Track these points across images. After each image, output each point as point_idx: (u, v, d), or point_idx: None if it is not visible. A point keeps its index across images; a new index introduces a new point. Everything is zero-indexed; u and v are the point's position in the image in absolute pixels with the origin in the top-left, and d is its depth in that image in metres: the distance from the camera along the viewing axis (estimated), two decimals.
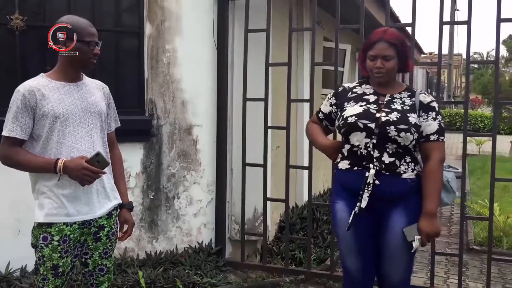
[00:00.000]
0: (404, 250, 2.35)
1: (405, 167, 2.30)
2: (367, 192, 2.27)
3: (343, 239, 2.45)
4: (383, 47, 2.32)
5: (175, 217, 3.92)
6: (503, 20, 3.33)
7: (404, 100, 2.36)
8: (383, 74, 2.35)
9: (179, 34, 3.87)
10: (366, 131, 2.28)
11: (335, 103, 2.51)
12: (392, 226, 2.33)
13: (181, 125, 3.92)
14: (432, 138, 2.31)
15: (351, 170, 2.35)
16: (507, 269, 4.20)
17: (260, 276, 3.87)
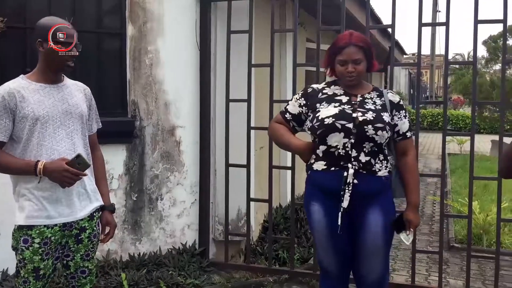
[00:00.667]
0: (381, 248, 2.39)
1: (380, 165, 2.36)
2: (348, 192, 2.30)
3: (321, 239, 2.46)
4: (353, 51, 2.36)
5: (158, 218, 3.92)
6: (480, 21, 3.39)
7: (375, 100, 2.42)
8: (355, 78, 2.40)
9: (162, 36, 3.87)
10: (344, 132, 2.31)
11: (305, 103, 2.48)
12: (368, 226, 2.36)
13: (164, 126, 3.91)
14: (408, 135, 2.46)
15: (328, 171, 2.35)
16: (486, 266, 4.27)
17: (244, 276, 3.88)
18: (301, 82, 6.07)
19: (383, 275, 2.47)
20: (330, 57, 2.44)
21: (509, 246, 4.76)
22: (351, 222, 2.39)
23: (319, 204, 2.41)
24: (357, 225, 2.39)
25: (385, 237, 2.39)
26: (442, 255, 3.58)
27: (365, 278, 2.46)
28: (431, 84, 29.50)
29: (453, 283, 3.99)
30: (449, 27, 3.48)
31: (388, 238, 2.42)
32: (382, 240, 2.37)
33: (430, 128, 21.48)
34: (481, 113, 12.86)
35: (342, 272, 2.53)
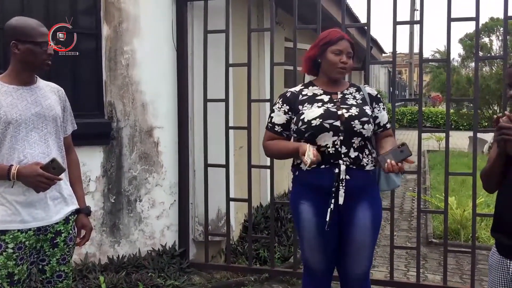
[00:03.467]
0: (368, 243, 2.42)
1: (367, 160, 2.39)
2: (342, 188, 2.31)
3: (310, 237, 2.45)
4: (347, 44, 2.44)
5: (137, 220, 3.89)
6: (453, 19, 3.45)
7: (355, 95, 2.46)
8: (346, 70, 2.45)
9: (138, 36, 3.84)
10: (333, 130, 2.32)
11: (289, 109, 2.47)
12: (357, 222, 2.38)
13: (142, 127, 3.88)
14: (388, 127, 2.53)
15: (318, 168, 2.33)
16: (464, 261, 4.34)
17: (224, 276, 3.88)
18: (280, 82, 6.08)
19: (367, 271, 2.51)
20: (320, 49, 2.44)
21: (485, 240, 4.84)
22: (340, 219, 2.40)
23: (309, 203, 2.41)
24: (345, 221, 2.39)
25: (373, 232, 2.43)
26: (420, 251, 3.63)
27: (350, 273, 2.48)
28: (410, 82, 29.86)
29: (431, 278, 4.04)
30: (423, 25, 3.53)
31: (375, 233, 2.45)
32: (370, 234, 2.41)
33: (410, 126, 21.74)
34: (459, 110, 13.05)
35: (328, 270, 2.54)
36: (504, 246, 2.06)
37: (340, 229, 2.41)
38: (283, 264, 4.10)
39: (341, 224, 2.40)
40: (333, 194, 2.32)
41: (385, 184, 2.50)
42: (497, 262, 2.08)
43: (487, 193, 2.17)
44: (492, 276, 2.11)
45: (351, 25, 4.98)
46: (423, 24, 3.56)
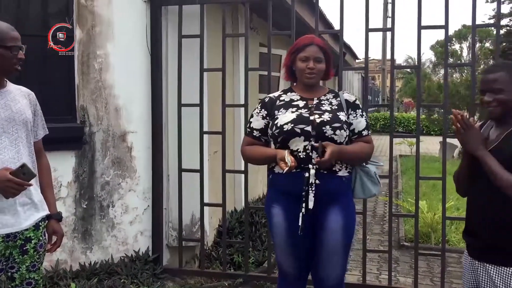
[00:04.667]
0: (340, 249, 2.42)
1: (340, 165, 2.40)
2: (312, 192, 2.32)
3: (281, 241, 2.48)
4: (315, 49, 2.45)
5: (110, 226, 3.84)
6: (423, 27, 3.53)
7: (331, 101, 2.48)
8: (315, 76, 2.45)
9: (111, 40, 3.80)
10: (304, 135, 2.35)
11: (266, 113, 2.51)
12: (329, 226, 2.39)
13: (115, 132, 3.85)
14: (364, 134, 2.50)
15: (290, 173, 2.35)
16: (434, 263, 4.43)
17: (198, 282, 3.86)
18: (254, 87, 6.11)
19: (342, 276, 2.51)
20: (291, 56, 2.49)
21: (455, 243, 4.95)
22: (312, 223, 2.41)
23: (280, 207, 2.44)
24: (317, 226, 2.41)
25: (345, 237, 2.43)
26: (392, 254, 3.69)
27: (324, 278, 2.48)
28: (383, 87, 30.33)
29: (403, 281, 4.11)
30: (394, 32, 3.61)
31: (347, 240, 2.45)
32: (342, 240, 2.41)
33: (383, 131, 22.08)
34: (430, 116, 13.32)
35: (301, 275, 2.56)
36: (472, 248, 2.13)
37: (312, 233, 2.43)
38: (258, 268, 4.10)
39: (313, 228, 2.42)
40: (303, 198, 2.33)
41: (361, 192, 2.52)
42: (468, 264, 2.15)
43: (457, 196, 2.24)
44: (466, 279, 2.18)
45: (324, 32, 5.05)
46: (395, 31, 3.65)
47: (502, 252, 2.00)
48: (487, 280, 2.03)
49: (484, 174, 2.02)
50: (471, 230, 2.14)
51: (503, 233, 2.00)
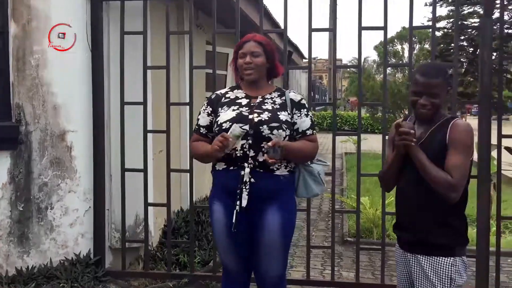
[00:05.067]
0: (278, 247, 2.45)
1: (278, 165, 2.41)
2: (245, 190, 2.34)
3: (220, 238, 2.52)
4: (252, 45, 2.48)
5: (48, 228, 3.70)
6: (364, 28, 3.62)
7: (275, 100, 2.49)
8: (253, 70, 2.46)
9: None
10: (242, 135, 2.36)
11: (211, 110, 2.54)
12: (267, 224, 2.42)
13: (54, 131, 3.71)
14: (308, 133, 2.50)
15: (227, 170, 2.42)
16: (376, 257, 4.56)
17: (143, 284, 3.80)
18: (201, 85, 6.07)
19: (281, 273, 2.53)
20: (234, 56, 2.52)
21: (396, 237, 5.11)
22: (250, 221, 2.43)
23: (220, 204, 2.46)
24: (255, 224, 2.43)
25: (283, 237, 2.45)
26: (335, 250, 3.77)
27: (264, 276, 2.51)
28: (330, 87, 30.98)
29: (346, 275, 4.22)
30: (336, 32, 3.68)
31: (285, 238, 2.47)
32: (280, 238, 2.43)
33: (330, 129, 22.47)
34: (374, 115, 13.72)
35: (243, 271, 2.58)
36: (403, 240, 2.23)
37: (251, 231, 2.45)
38: (204, 268, 4.08)
39: (252, 227, 2.44)
40: (237, 196, 2.35)
41: (304, 191, 2.55)
42: (400, 256, 2.26)
43: None
44: (399, 271, 2.29)
45: (269, 31, 5.09)
46: (336, 32, 3.72)
47: (431, 244, 2.11)
48: (419, 270, 2.15)
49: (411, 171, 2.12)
50: (401, 224, 2.24)
51: (432, 226, 2.12)
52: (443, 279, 2.09)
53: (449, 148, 2.07)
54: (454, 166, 2.04)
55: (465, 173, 2.08)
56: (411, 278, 2.20)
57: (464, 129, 2.10)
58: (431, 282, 2.10)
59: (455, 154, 2.05)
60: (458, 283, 2.12)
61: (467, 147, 2.09)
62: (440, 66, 2.38)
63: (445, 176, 2.03)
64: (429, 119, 2.14)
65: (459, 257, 2.12)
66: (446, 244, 2.11)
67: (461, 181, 2.06)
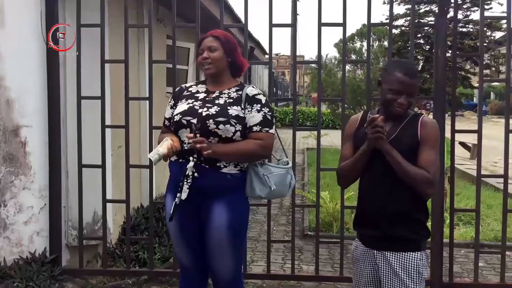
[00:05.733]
0: (227, 244, 2.40)
1: (226, 162, 2.38)
2: (186, 184, 2.34)
3: (171, 231, 2.53)
4: (209, 40, 2.48)
5: (1, 227, 3.58)
6: (323, 24, 3.67)
7: (230, 94, 2.46)
8: (211, 65, 2.45)
9: (1, 27, 3.53)
10: (189, 127, 2.39)
11: (173, 103, 2.56)
12: (213, 221, 2.39)
13: (6, 126, 3.58)
14: (254, 129, 2.39)
15: (177, 162, 2.43)
16: (335, 251, 4.63)
17: (101, 281, 3.72)
18: (162, 80, 6.00)
19: (234, 270, 2.49)
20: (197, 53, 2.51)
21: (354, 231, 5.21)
22: (199, 217, 2.42)
23: (170, 196, 2.45)
24: (203, 221, 2.42)
25: (231, 234, 2.39)
26: (295, 244, 3.81)
27: (216, 273, 2.50)
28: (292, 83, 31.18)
29: (306, 269, 4.27)
30: (296, 28, 3.76)
31: (233, 235, 2.41)
32: (227, 236, 2.39)
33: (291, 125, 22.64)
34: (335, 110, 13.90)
35: (199, 267, 2.56)
36: (368, 237, 2.22)
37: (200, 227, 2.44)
38: (163, 264, 4.04)
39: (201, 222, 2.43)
40: (179, 188, 2.36)
41: (249, 191, 2.44)
42: (362, 253, 2.24)
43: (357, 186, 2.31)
44: (359, 268, 2.25)
45: (230, 25, 5.08)
46: (296, 27, 3.80)
47: (399, 239, 2.12)
48: (386, 266, 2.14)
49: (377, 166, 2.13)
50: (365, 220, 2.22)
51: (399, 221, 2.13)
52: (412, 274, 2.10)
53: (421, 145, 2.10)
54: (429, 162, 2.07)
55: (439, 169, 2.15)
56: (377, 274, 2.18)
57: (434, 126, 2.16)
58: (399, 278, 2.10)
59: (429, 151, 2.09)
60: (424, 277, 2.15)
61: (437, 143, 2.15)
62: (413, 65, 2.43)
63: (423, 172, 2.06)
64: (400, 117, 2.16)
65: (424, 251, 2.15)
66: (413, 239, 2.13)
67: (437, 176, 2.13)
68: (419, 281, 2.12)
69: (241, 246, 2.54)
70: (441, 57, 3.62)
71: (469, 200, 6.47)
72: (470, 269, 4.13)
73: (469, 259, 4.48)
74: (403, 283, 2.11)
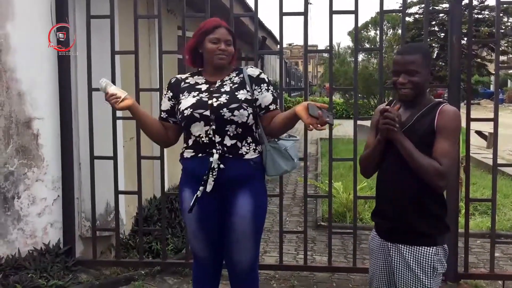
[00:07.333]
0: (250, 234, 2.41)
1: (247, 148, 2.37)
2: (212, 176, 2.31)
3: (190, 225, 2.49)
4: (225, 32, 2.41)
5: (16, 218, 3.61)
6: (334, 12, 3.60)
7: (233, 80, 2.43)
8: (226, 58, 2.41)
9: (12, 19, 3.53)
10: (203, 120, 2.33)
11: (172, 95, 2.48)
12: (237, 211, 2.38)
13: (19, 118, 3.60)
14: (271, 108, 2.42)
15: (196, 157, 2.37)
16: (349, 241, 4.60)
17: (114, 272, 3.74)
18: (173, 71, 5.98)
19: (253, 261, 2.50)
20: (198, 39, 2.42)
21: (369, 221, 5.16)
22: (220, 208, 2.41)
23: (190, 191, 2.42)
24: (226, 210, 2.41)
25: (254, 223, 2.41)
26: (307, 234, 3.79)
27: (235, 263, 2.48)
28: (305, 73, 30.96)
29: (319, 260, 4.24)
30: (307, 16, 3.65)
31: (257, 224, 2.44)
32: (251, 225, 2.40)
33: None
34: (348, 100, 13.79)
35: (214, 259, 2.55)
36: (383, 228, 2.19)
37: (222, 218, 2.43)
38: (177, 255, 4.05)
39: (222, 213, 2.42)
40: (202, 182, 2.32)
41: (272, 169, 2.46)
42: (377, 245, 2.20)
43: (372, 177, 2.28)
44: (374, 259, 2.22)
45: (239, 15, 5.03)
46: (308, 15, 3.69)
47: (414, 233, 2.07)
48: (400, 259, 2.09)
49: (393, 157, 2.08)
50: (382, 212, 2.19)
51: (415, 215, 2.07)
52: (426, 269, 2.04)
53: (437, 134, 2.01)
54: (442, 153, 1.98)
55: (454, 160, 2.03)
56: (391, 267, 2.14)
57: (453, 115, 2.04)
58: (413, 273, 2.05)
59: (444, 141, 2.00)
60: (440, 272, 2.08)
61: (455, 134, 2.04)
62: (419, 44, 2.36)
63: (434, 163, 1.97)
64: (412, 100, 2.07)
65: (441, 245, 2.08)
66: (429, 233, 2.06)
67: (450, 168, 2.00)
68: (433, 276, 2.06)
69: (260, 235, 2.53)
70: (456, 44, 3.54)
71: (485, 189, 6.37)
72: (486, 259, 4.06)
73: (485, 249, 4.41)
74: (417, 278, 2.06)
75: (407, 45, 2.24)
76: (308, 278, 3.80)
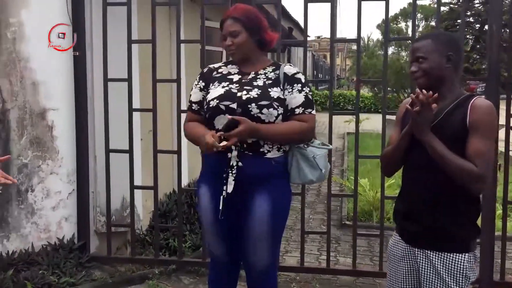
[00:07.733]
0: (267, 236, 2.27)
1: (269, 146, 2.20)
2: (232, 176, 2.16)
3: (206, 223, 2.35)
4: (229, 24, 2.25)
5: (29, 212, 3.52)
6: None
7: (268, 75, 2.26)
8: (235, 51, 2.26)
9: (26, 7, 3.43)
10: (228, 113, 2.16)
11: (204, 85, 2.32)
12: (255, 211, 2.23)
13: (33, 109, 3.50)
14: (297, 112, 2.22)
15: (215, 153, 2.18)
16: (375, 242, 4.35)
17: (129, 269, 3.62)
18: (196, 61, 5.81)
19: (270, 264, 2.35)
20: None
21: None
22: (238, 207, 2.25)
23: (207, 187, 2.29)
24: (244, 210, 2.25)
25: (273, 224, 2.25)
26: (330, 236, 3.58)
27: (252, 265, 2.35)
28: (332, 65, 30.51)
29: (343, 261, 4.03)
30: (334, 4, 3.42)
31: (275, 226, 2.28)
32: (269, 227, 2.24)
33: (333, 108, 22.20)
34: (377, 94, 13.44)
35: (231, 259, 2.41)
36: (408, 232, 1.97)
37: (239, 217, 2.26)
38: (193, 253, 3.90)
39: (240, 212, 2.25)
40: (224, 181, 2.16)
41: (297, 176, 2.28)
42: (402, 251, 1.99)
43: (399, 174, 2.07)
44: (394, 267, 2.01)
45: (263, 2, 4.82)
46: (335, 4, 3.46)
47: (445, 237, 1.87)
48: (429, 267, 1.89)
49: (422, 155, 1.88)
50: (407, 215, 1.98)
51: (446, 219, 1.87)
52: (458, 278, 1.85)
53: (470, 132, 1.80)
54: (477, 153, 1.77)
55: (491, 161, 1.81)
56: (417, 276, 1.94)
57: (488, 111, 1.82)
58: (444, 281, 1.85)
59: (479, 140, 1.78)
60: (472, 280, 1.89)
61: (491, 131, 1.82)
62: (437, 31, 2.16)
63: (468, 166, 1.76)
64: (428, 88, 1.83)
65: (472, 252, 1.88)
66: (462, 238, 1.86)
67: (487, 170, 1.79)
68: (465, 285, 1.86)
69: (280, 238, 2.37)
70: (495, 36, 3.27)
71: None
72: None
73: None
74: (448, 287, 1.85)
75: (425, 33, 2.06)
76: (331, 282, 3.59)
